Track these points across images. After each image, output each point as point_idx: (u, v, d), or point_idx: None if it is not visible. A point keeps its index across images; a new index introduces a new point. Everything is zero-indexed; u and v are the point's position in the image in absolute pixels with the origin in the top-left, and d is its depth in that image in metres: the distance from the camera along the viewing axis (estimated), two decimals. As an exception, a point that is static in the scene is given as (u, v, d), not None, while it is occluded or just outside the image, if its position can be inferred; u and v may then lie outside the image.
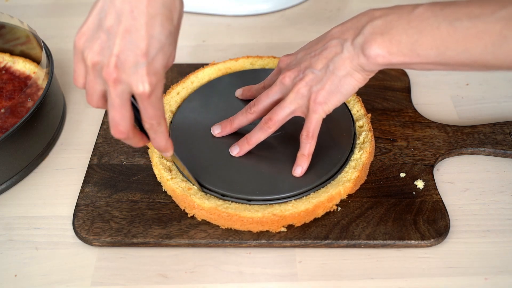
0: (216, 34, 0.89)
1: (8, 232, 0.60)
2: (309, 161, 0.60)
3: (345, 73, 0.55)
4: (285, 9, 0.94)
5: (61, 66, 0.82)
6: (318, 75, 0.56)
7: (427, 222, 0.57)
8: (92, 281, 0.55)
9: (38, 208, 0.62)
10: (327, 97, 0.56)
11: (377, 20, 0.52)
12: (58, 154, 0.69)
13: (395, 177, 0.62)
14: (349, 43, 0.54)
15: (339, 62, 0.55)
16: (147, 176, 0.64)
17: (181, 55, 0.85)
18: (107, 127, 0.70)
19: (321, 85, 0.56)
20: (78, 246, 0.58)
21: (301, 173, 0.60)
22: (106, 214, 0.59)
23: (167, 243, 0.57)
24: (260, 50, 0.84)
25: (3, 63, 0.75)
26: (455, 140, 0.66)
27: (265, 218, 0.56)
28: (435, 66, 0.51)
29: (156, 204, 0.60)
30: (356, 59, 0.53)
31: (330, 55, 0.55)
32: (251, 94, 0.68)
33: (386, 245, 0.56)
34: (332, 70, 0.55)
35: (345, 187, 0.59)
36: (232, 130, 0.64)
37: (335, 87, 0.55)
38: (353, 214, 0.59)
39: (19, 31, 0.75)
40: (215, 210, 0.57)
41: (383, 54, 0.51)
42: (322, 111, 0.57)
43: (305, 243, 0.56)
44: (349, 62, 0.54)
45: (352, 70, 0.54)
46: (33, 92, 0.67)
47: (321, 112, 0.57)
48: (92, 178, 0.64)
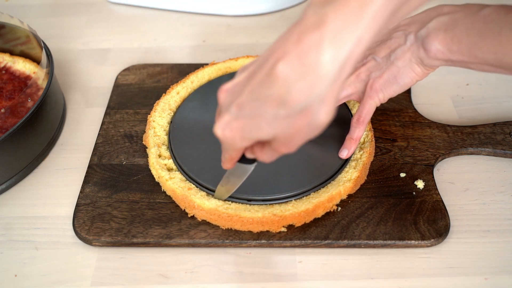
0: (216, 34, 0.89)
1: (8, 232, 0.60)
2: (356, 145, 0.61)
3: (405, 65, 0.56)
4: (285, 9, 0.94)
5: (61, 66, 0.82)
6: (379, 62, 0.57)
7: (427, 222, 0.57)
8: (92, 281, 0.55)
9: (38, 208, 0.62)
10: (384, 85, 0.57)
11: (444, 16, 0.53)
12: (58, 154, 0.69)
13: (395, 177, 0.62)
14: (413, 35, 0.55)
15: (400, 53, 0.56)
16: (147, 176, 0.64)
17: (181, 55, 0.85)
18: (107, 127, 0.70)
19: (380, 72, 0.57)
20: (78, 246, 0.58)
21: (346, 156, 0.61)
22: (106, 214, 0.59)
23: (167, 243, 0.57)
24: (260, 50, 0.84)
25: (3, 63, 0.75)
26: (455, 140, 0.66)
27: (265, 218, 0.56)
28: (493, 69, 0.51)
29: (156, 204, 0.60)
30: (417, 51, 0.54)
31: (394, 45, 0.57)
32: None
33: (386, 245, 0.56)
34: (392, 60, 0.56)
35: (345, 187, 0.59)
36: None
37: (393, 77, 0.57)
38: (353, 214, 0.59)
39: (19, 31, 0.75)
40: (215, 210, 0.57)
41: (443, 51, 0.52)
42: (377, 99, 0.58)
43: (305, 243, 0.56)
44: (409, 54, 0.55)
45: (412, 62, 0.55)
46: (33, 92, 0.67)
47: (376, 99, 0.58)
48: (92, 178, 0.64)
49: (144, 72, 0.78)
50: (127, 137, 0.68)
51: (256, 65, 0.40)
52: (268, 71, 0.38)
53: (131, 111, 0.72)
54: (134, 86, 0.76)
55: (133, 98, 0.74)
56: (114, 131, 0.69)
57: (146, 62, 0.83)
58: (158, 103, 0.70)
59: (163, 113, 0.68)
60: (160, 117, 0.68)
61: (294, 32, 0.37)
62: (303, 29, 0.36)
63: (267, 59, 0.38)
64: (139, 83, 0.77)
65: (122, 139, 0.68)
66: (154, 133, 0.66)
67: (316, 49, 0.35)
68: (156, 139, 0.65)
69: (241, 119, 0.40)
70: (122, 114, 0.72)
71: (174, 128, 0.66)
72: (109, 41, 0.88)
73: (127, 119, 0.71)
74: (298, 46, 0.36)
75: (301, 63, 0.36)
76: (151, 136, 0.66)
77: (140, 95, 0.75)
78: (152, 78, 0.77)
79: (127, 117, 0.71)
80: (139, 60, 0.83)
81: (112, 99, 0.74)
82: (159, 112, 0.68)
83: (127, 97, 0.74)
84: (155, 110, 0.69)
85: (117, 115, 0.72)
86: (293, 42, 0.36)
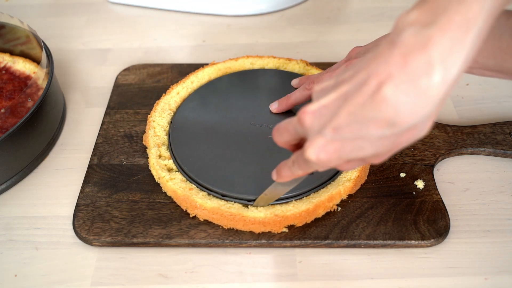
0: (216, 34, 0.89)
1: (8, 232, 0.60)
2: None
3: None
4: (285, 9, 0.94)
5: (61, 66, 0.82)
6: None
7: (427, 222, 0.57)
8: (92, 281, 0.55)
9: (38, 208, 0.62)
10: None
11: None
12: (58, 154, 0.69)
13: (395, 177, 0.62)
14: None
15: None
16: (147, 176, 0.64)
17: (181, 55, 0.85)
18: (107, 127, 0.70)
19: None
20: (78, 246, 0.58)
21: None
22: (106, 214, 0.59)
23: (167, 243, 0.57)
24: (260, 50, 0.84)
25: (3, 63, 0.75)
26: (455, 140, 0.66)
27: (267, 218, 0.56)
28: (494, 74, 0.50)
29: (156, 204, 0.60)
30: None
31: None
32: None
33: (386, 245, 0.56)
34: None
35: (345, 186, 0.59)
36: (288, 106, 0.66)
37: None
38: (353, 214, 0.59)
39: (19, 31, 0.75)
40: (217, 210, 0.57)
41: None
42: None
43: (305, 243, 0.56)
44: None
45: None
46: (33, 92, 0.67)
47: None
48: (92, 178, 0.64)
49: (144, 72, 0.78)
50: (127, 137, 0.68)
51: (350, 86, 0.39)
52: (372, 93, 0.37)
53: (131, 111, 0.72)
54: (134, 86, 0.76)
55: (133, 98, 0.74)
56: (114, 131, 0.69)
57: (146, 62, 0.83)
58: (158, 103, 0.70)
59: (163, 113, 0.68)
60: (160, 117, 0.68)
61: (394, 53, 0.36)
62: (406, 51, 0.36)
63: (366, 81, 0.38)
64: (139, 83, 0.77)
65: (122, 139, 0.68)
66: (154, 133, 0.66)
67: (425, 72, 0.35)
68: (156, 139, 0.65)
69: (338, 142, 0.40)
70: (122, 114, 0.72)
71: (174, 128, 0.66)
72: (109, 41, 0.88)
73: (127, 119, 0.71)
74: (405, 69, 0.36)
75: (410, 86, 0.36)
76: (151, 136, 0.66)
77: (140, 95, 0.75)
78: (152, 78, 0.77)
79: (127, 117, 0.71)
80: (139, 60, 0.83)
81: (112, 99, 0.74)
82: (159, 112, 0.68)
83: (127, 97, 0.74)
84: (155, 110, 0.69)
85: (117, 115, 0.72)
86: (399, 64, 0.36)
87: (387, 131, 0.38)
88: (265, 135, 0.64)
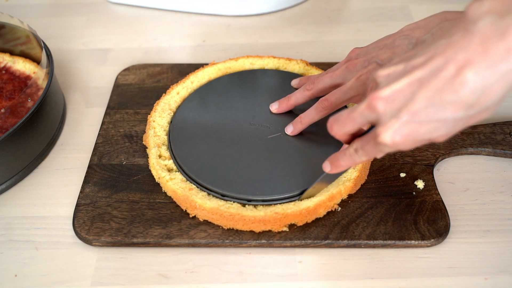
0: (216, 34, 0.89)
1: (8, 232, 0.60)
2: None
3: None
4: (285, 9, 0.94)
5: (61, 66, 0.82)
6: (381, 65, 0.57)
7: (427, 222, 0.57)
8: (92, 281, 0.55)
9: (38, 208, 0.62)
10: None
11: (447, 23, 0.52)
12: (58, 154, 0.69)
13: (395, 177, 0.62)
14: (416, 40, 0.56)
15: None
16: (147, 176, 0.64)
17: (181, 55, 0.85)
18: (107, 127, 0.70)
19: None
20: (78, 246, 0.58)
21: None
22: (106, 214, 0.59)
23: (167, 243, 0.57)
24: (260, 50, 0.84)
25: (3, 63, 0.75)
26: (455, 140, 0.66)
27: (267, 216, 0.56)
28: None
29: (156, 204, 0.60)
30: None
31: (397, 50, 0.57)
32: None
33: (386, 245, 0.56)
34: None
35: (346, 186, 0.59)
36: (288, 107, 0.66)
37: None
38: (353, 214, 0.59)
39: (19, 31, 0.75)
40: (217, 210, 0.57)
41: None
42: None
43: (305, 243, 0.56)
44: None
45: None
46: (33, 92, 0.67)
47: None
48: (92, 178, 0.64)
49: (144, 72, 0.78)
50: (127, 137, 0.68)
51: (425, 71, 0.41)
52: (451, 78, 0.40)
53: (131, 111, 0.72)
54: (134, 86, 0.76)
55: (133, 98, 0.74)
56: (114, 131, 0.69)
57: (146, 62, 0.83)
58: (158, 103, 0.70)
59: (163, 113, 0.68)
60: (160, 117, 0.68)
61: (473, 41, 0.39)
62: (485, 39, 0.39)
63: (443, 67, 0.40)
64: (139, 83, 0.77)
65: (122, 139, 0.68)
66: (154, 133, 0.66)
67: (504, 58, 0.38)
68: (156, 139, 0.65)
69: (412, 124, 0.42)
70: (122, 114, 0.72)
71: (174, 128, 0.66)
72: (109, 41, 0.88)
73: (127, 119, 0.71)
74: (485, 55, 0.39)
75: (491, 71, 0.39)
76: (151, 136, 0.66)
77: (140, 95, 0.75)
78: (152, 78, 0.77)
79: (127, 117, 0.71)
80: (139, 60, 0.83)
81: (112, 99, 0.74)
82: (159, 112, 0.68)
83: (127, 97, 0.74)
84: (155, 110, 0.69)
85: (117, 115, 0.72)
86: (478, 51, 0.39)
87: (463, 113, 0.41)
88: (265, 135, 0.64)
